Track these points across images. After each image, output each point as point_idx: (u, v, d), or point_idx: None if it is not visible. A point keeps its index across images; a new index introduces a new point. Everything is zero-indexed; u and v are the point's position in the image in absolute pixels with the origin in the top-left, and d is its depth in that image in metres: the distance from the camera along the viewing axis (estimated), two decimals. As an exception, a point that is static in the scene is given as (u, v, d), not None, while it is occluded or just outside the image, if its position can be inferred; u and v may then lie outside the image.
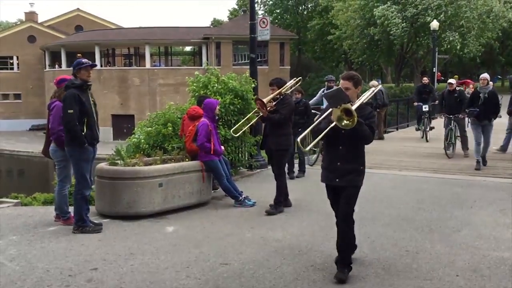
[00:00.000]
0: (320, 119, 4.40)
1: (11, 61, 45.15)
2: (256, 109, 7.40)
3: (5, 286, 4.27)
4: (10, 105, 44.42)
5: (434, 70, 24.77)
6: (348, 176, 4.35)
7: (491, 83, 10.54)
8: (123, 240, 5.57)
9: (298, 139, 4.59)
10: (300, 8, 51.15)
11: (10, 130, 41.76)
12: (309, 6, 50.49)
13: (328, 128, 4.18)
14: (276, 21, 48.72)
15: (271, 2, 50.75)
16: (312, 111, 9.54)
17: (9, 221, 6.35)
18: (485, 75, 10.22)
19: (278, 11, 51.17)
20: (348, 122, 4.03)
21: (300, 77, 7.73)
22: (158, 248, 5.26)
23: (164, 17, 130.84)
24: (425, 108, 14.22)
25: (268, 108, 6.81)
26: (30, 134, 40.63)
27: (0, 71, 44.92)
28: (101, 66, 38.66)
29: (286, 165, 8.38)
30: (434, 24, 24.38)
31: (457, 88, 11.82)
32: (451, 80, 12.01)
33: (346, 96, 4.16)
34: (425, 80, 15.52)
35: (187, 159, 7.25)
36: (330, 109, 4.20)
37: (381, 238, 5.57)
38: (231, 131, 7.96)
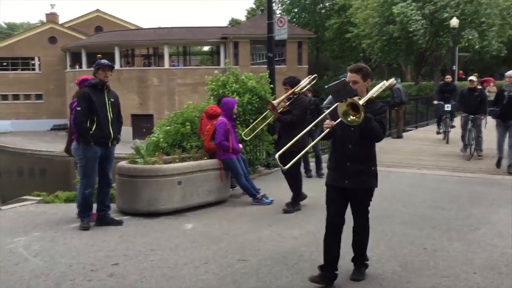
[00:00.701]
0: (326, 112, 4.18)
1: (33, 62, 45.94)
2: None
3: (30, 280, 4.40)
4: (32, 105, 45.21)
5: (453, 68, 24.47)
6: (359, 178, 4.10)
7: None
8: (143, 236, 5.68)
9: (276, 156, 4.19)
10: (318, 6, 50.98)
11: (32, 130, 42.52)
12: (327, 4, 50.25)
13: (326, 131, 4.00)
14: (294, 20, 48.64)
15: (288, 1, 50.68)
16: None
17: (33, 218, 6.53)
18: (511, 73, 9.70)
19: (295, 10, 51.09)
20: (354, 117, 3.76)
21: (316, 75, 7.62)
22: (177, 244, 5.36)
23: (182, 17, 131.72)
24: (447, 107, 13.63)
25: (281, 109, 6.78)
26: (52, 134, 41.31)
27: (22, 72, 45.76)
28: (121, 66, 39.12)
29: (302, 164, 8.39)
30: (454, 22, 24.09)
31: (478, 87, 11.37)
32: (472, 77, 11.44)
33: (352, 89, 3.88)
34: (448, 78, 14.91)
35: (205, 158, 7.35)
36: (336, 104, 3.93)
37: (399, 236, 5.58)
38: (242, 134, 7.97)
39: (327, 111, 4.16)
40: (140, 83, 36.89)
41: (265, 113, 8.08)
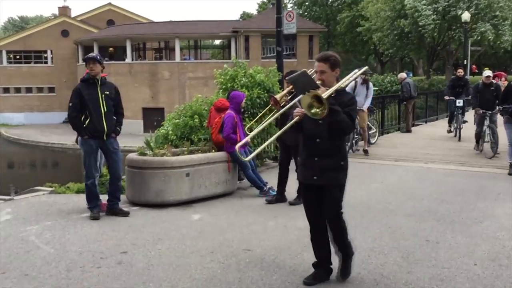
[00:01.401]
0: (295, 101, 3.97)
1: (45, 55, 46.34)
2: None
3: (41, 266, 4.55)
4: (44, 98, 45.63)
5: (465, 63, 24.31)
6: (328, 173, 3.89)
7: None
8: (152, 226, 5.81)
9: (236, 147, 4.11)
10: (329, 0, 50.80)
11: (45, 122, 42.98)
12: (338, -2, 50.17)
13: (296, 118, 3.79)
14: (305, 13, 48.52)
15: (299, -5, 50.58)
16: None
17: (45, 208, 6.69)
18: None
19: (307, 3, 50.96)
20: (317, 110, 3.54)
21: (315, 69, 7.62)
22: (184, 234, 5.48)
23: (194, 11, 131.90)
24: (459, 103, 13.14)
25: (283, 103, 6.82)
26: (64, 127, 41.49)
27: (35, 65, 46.18)
28: (132, 60, 39.38)
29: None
30: (466, 16, 23.95)
31: (493, 81, 10.95)
32: (488, 72, 10.97)
33: (313, 81, 3.70)
34: (460, 72, 14.38)
35: (213, 150, 7.45)
36: (300, 96, 3.71)
37: (402, 228, 5.65)
38: (246, 128, 8.02)
39: (296, 99, 3.92)
40: (151, 77, 37.10)
41: (269, 106, 8.14)
